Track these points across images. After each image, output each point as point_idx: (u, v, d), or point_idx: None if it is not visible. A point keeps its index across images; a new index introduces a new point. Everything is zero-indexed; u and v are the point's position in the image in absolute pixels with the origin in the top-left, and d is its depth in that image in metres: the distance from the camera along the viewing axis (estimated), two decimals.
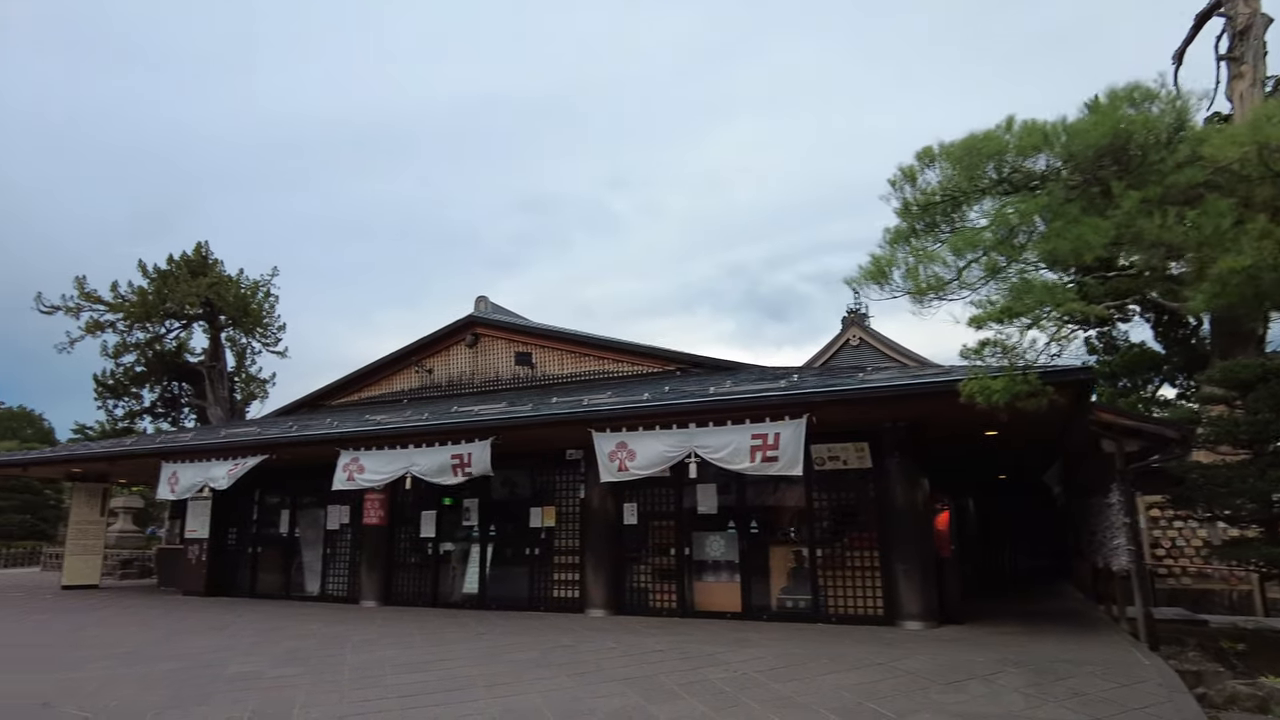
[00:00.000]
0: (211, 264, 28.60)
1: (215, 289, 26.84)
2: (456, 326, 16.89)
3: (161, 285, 27.11)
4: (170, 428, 30.54)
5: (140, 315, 27.00)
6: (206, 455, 13.78)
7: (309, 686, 7.08)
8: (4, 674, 7.63)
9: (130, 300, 27.78)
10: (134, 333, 28.72)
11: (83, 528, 16.83)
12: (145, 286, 27.92)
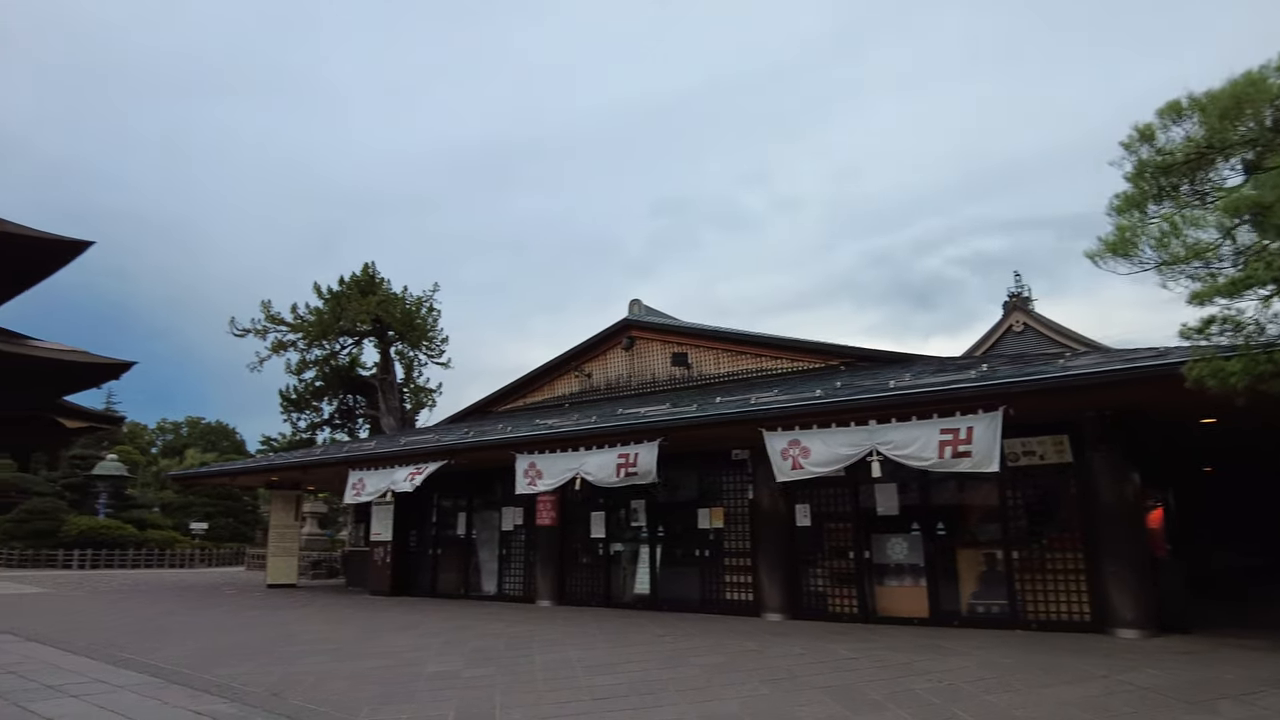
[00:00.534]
0: (379, 283, 30.46)
1: (383, 306, 28.54)
2: (612, 330, 17.07)
3: (335, 305, 29.13)
4: (347, 438, 32.78)
5: (318, 334, 29.10)
6: (389, 462, 14.61)
7: (505, 686, 7.22)
8: (240, 664, 8.26)
9: (308, 320, 30.01)
10: (312, 350, 30.99)
11: (281, 531, 18.28)
12: (321, 307, 30.07)
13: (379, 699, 6.76)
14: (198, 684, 7.34)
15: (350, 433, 33.59)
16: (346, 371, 31.65)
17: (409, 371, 31.54)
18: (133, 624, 11.63)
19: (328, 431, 33.41)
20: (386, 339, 29.83)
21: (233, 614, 12.98)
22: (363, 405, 32.90)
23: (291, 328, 29.64)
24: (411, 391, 31.69)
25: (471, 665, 8.31)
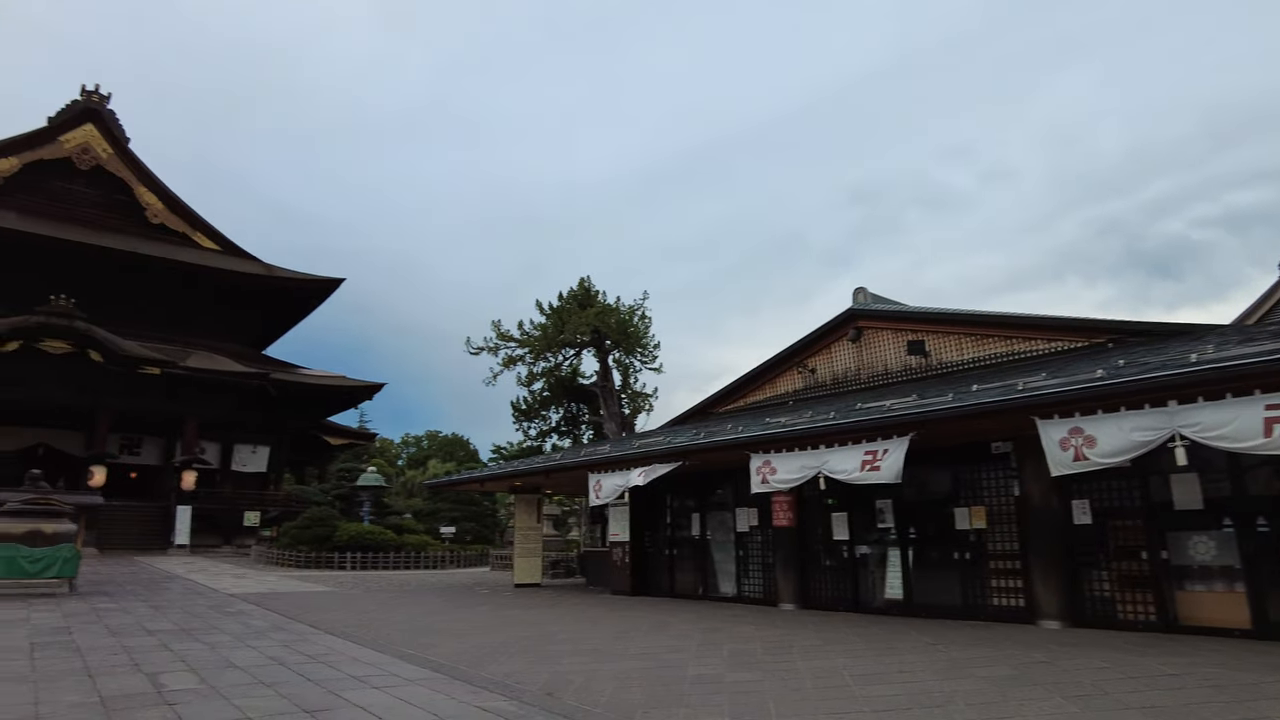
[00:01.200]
0: (594, 295, 31.58)
1: (600, 317, 29.53)
2: (837, 322, 16.36)
3: (557, 319, 30.56)
4: (572, 443, 34.27)
5: (543, 347, 30.66)
6: (624, 465, 14.88)
7: (775, 694, 6.91)
8: (509, 662, 8.59)
9: (534, 336, 31.69)
10: (538, 363, 32.71)
11: (525, 533, 19.29)
12: (544, 322, 31.66)
13: (649, 702, 6.68)
14: (476, 680, 7.67)
15: (576, 439, 35.09)
16: (569, 381, 33.11)
17: (626, 378, 32.44)
18: (406, 620, 12.60)
19: (555, 438, 35.14)
20: (604, 348, 30.85)
21: (491, 613, 13.72)
22: (586, 412, 34.26)
23: (519, 343, 31.47)
24: (629, 397, 32.55)
25: (733, 669, 8.09)
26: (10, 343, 32.50)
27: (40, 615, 12.12)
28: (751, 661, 8.55)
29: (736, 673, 7.92)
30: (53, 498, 16.70)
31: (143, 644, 9.43)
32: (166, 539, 35.40)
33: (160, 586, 17.94)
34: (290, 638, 10.29)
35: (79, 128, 43.73)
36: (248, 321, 47.71)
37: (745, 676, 7.71)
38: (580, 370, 34.06)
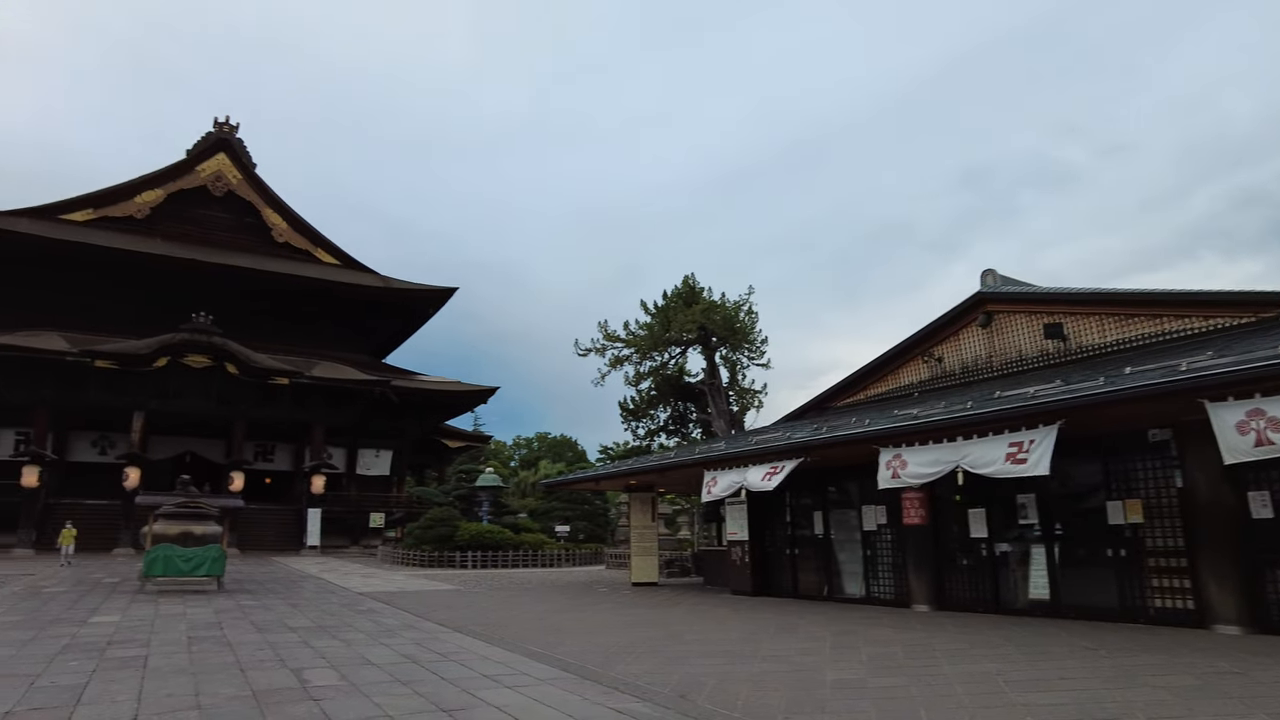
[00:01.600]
0: (699, 292, 31.28)
1: (706, 314, 29.22)
2: (964, 308, 15.50)
3: (663, 318, 30.44)
4: (680, 442, 34.07)
5: (649, 346, 30.60)
6: (741, 462, 14.53)
7: (925, 700, 6.46)
8: (637, 662, 8.41)
9: (639, 335, 31.68)
10: (644, 363, 32.68)
11: (640, 532, 19.20)
12: (650, 322, 31.60)
13: (790, 707, 6.36)
14: (607, 681, 7.53)
15: (684, 437, 34.88)
16: (676, 380, 32.95)
17: (734, 374, 32.01)
18: (532, 619, 12.66)
19: (663, 437, 35.06)
20: (710, 345, 30.51)
21: (614, 612, 13.65)
22: (694, 411, 34.01)
23: (625, 343, 31.54)
24: (737, 394, 32.09)
25: (876, 674, 7.65)
26: (160, 359, 35.06)
27: (194, 610, 12.85)
28: (893, 665, 8.08)
29: (879, 677, 7.48)
30: (200, 501, 17.77)
31: (285, 640, 9.79)
32: (299, 540, 37.37)
33: (296, 585, 18.82)
34: (421, 636, 10.48)
35: (212, 157, 46.88)
36: (367, 332, 49.92)
37: (889, 681, 7.27)
38: (686, 369, 33.86)
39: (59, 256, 39.92)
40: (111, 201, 43.74)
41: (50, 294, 40.65)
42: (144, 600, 14.35)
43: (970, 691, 6.71)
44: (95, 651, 8.71)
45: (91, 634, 10.09)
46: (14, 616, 11.91)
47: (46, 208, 41.96)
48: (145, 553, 16.20)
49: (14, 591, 15.93)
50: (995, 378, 14.73)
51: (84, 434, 40.16)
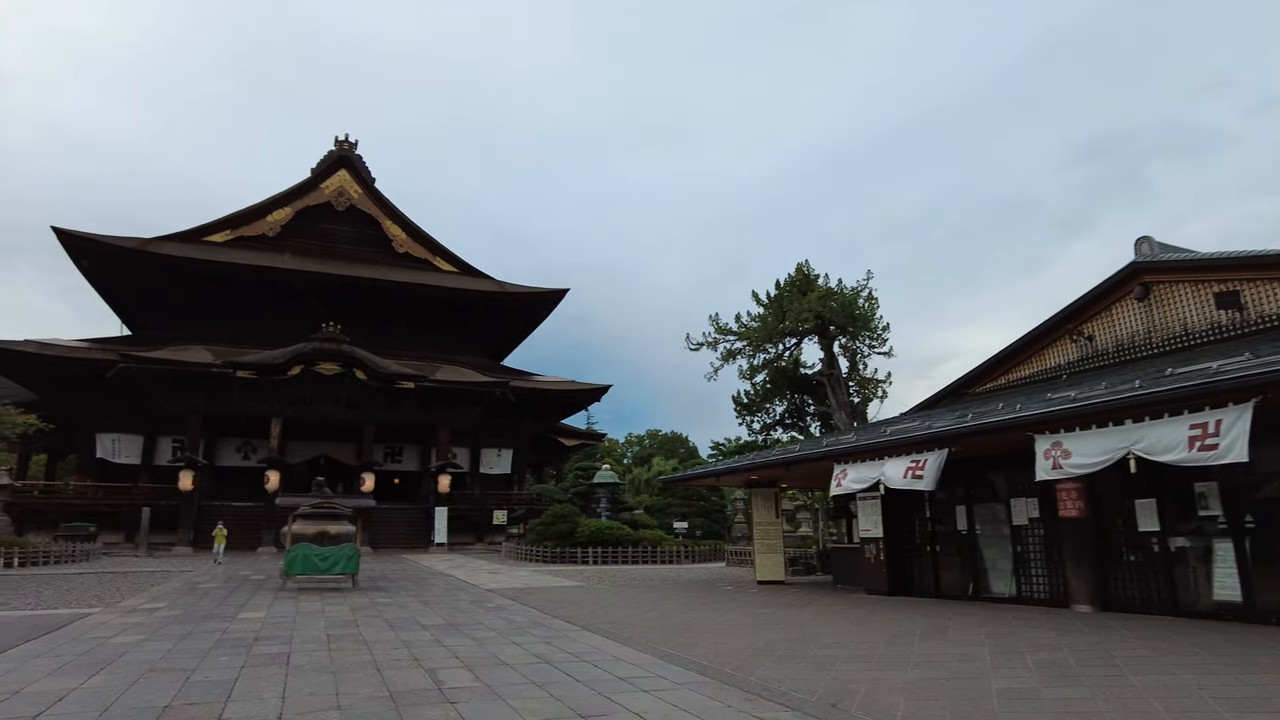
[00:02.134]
0: (814, 280, 30.24)
1: (823, 301, 28.17)
2: (1116, 280, 14.14)
3: (777, 308, 29.57)
4: (797, 437, 33.10)
5: (763, 338, 29.80)
6: (875, 454, 13.71)
7: (1115, 715, 5.67)
8: (776, 666, 7.91)
9: (752, 327, 30.92)
10: (758, 355, 31.88)
11: (764, 529, 18.59)
12: (762, 313, 30.80)
13: (955, 718, 5.73)
14: (747, 686, 7.07)
15: (802, 431, 33.88)
16: (791, 372, 32.01)
17: (854, 364, 30.77)
18: (659, 617, 12.32)
19: (780, 432, 34.16)
20: (828, 334, 29.42)
21: (743, 611, 13.14)
22: (811, 404, 32.98)
23: (738, 336, 30.85)
24: (858, 384, 30.85)
25: (1049, 683, 6.86)
26: (294, 368, 37.01)
27: (332, 608, 13.21)
28: (1068, 674, 7.25)
29: (1054, 688, 6.69)
30: (335, 501, 18.42)
31: (419, 638, 9.81)
32: (427, 538, 38.62)
33: (426, 582, 19.23)
34: (551, 634, 10.31)
35: (334, 174, 49.24)
36: (484, 335, 51.23)
37: (1067, 693, 6.48)
38: (802, 360, 32.83)
39: (202, 276, 42.87)
40: (246, 222, 46.60)
41: (195, 310, 43.70)
42: (285, 597, 14.91)
43: (1172, 710, 5.86)
44: (243, 647, 8.95)
45: (240, 630, 10.44)
46: (174, 611, 12.56)
47: (190, 231, 45.13)
48: (285, 552, 16.90)
49: (175, 587, 16.95)
50: (1156, 355, 13.34)
51: (230, 440, 42.95)
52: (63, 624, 11.03)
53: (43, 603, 13.94)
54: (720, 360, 31.47)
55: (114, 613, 12.35)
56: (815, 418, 33.59)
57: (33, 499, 36.11)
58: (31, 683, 7.06)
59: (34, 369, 38.20)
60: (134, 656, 8.34)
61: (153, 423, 40.33)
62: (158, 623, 11.14)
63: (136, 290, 44.17)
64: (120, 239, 41.84)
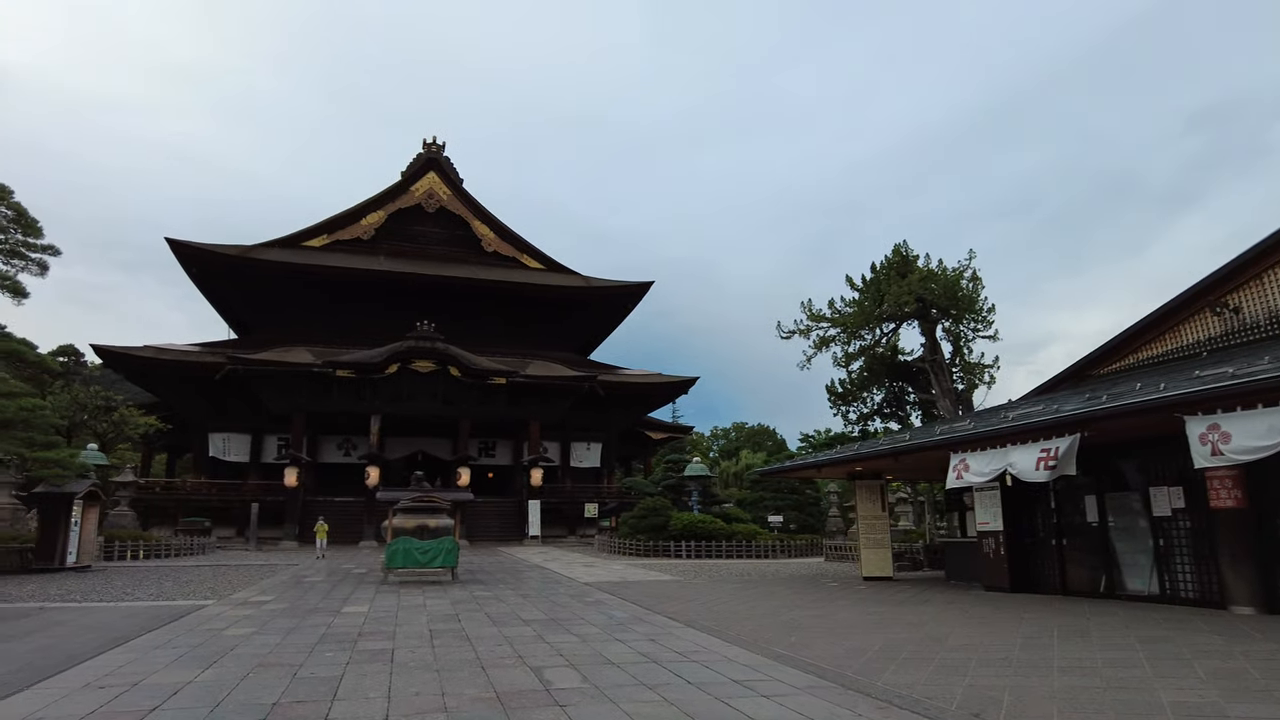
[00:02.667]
0: (913, 261, 28.93)
1: (924, 283, 26.87)
2: (1268, 245, 12.71)
3: (874, 291, 28.42)
4: (896, 426, 31.80)
5: (858, 324, 28.70)
6: (997, 441, 12.69)
7: None
8: (903, 671, 7.27)
9: (847, 313, 29.83)
10: (853, 342, 30.76)
11: (870, 523, 17.72)
12: (858, 298, 29.67)
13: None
14: (875, 692, 6.47)
15: (900, 420, 32.58)
16: (889, 359, 30.76)
17: (957, 349, 29.30)
18: (766, 614, 11.77)
19: (878, 422, 32.93)
20: (930, 318, 28.08)
21: (854, 609, 12.45)
22: (910, 392, 31.66)
23: (832, 323, 29.83)
24: (962, 370, 29.36)
25: (1232, 698, 6.00)
26: (390, 366, 37.91)
27: (433, 602, 13.18)
28: (1252, 687, 6.37)
29: (1240, 703, 5.85)
30: (434, 495, 18.55)
31: (521, 634, 9.56)
32: (521, 530, 39.01)
33: (522, 575, 19.18)
34: (654, 631, 9.91)
35: (424, 177, 50.25)
36: (571, 330, 51.43)
37: (1262, 712, 5.62)
38: (900, 347, 31.52)
39: (302, 280, 44.43)
40: (341, 226, 48.07)
41: (296, 313, 45.35)
42: (387, 591, 15.02)
43: None
44: (348, 643, 8.87)
45: (344, 624, 10.43)
46: (281, 604, 12.76)
47: (289, 237, 46.86)
48: (386, 546, 17.08)
49: (282, 580, 17.38)
50: None
51: (331, 438, 44.43)
52: (181, 614, 11.30)
53: (164, 594, 14.44)
54: (813, 348, 30.54)
55: (226, 605, 12.63)
56: (915, 406, 32.26)
57: (154, 495, 38.17)
58: (150, 674, 7.11)
59: (152, 373, 40.38)
60: (244, 650, 8.35)
61: (259, 422, 42.09)
62: (266, 616, 11.29)
63: (241, 295, 46.18)
64: (224, 247, 43.76)
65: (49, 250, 21.72)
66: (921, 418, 31.69)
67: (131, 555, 23.98)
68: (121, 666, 7.48)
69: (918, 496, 30.61)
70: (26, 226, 21.27)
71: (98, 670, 7.32)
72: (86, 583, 16.40)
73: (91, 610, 12.01)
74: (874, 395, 32.07)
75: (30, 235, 21.36)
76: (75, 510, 19.37)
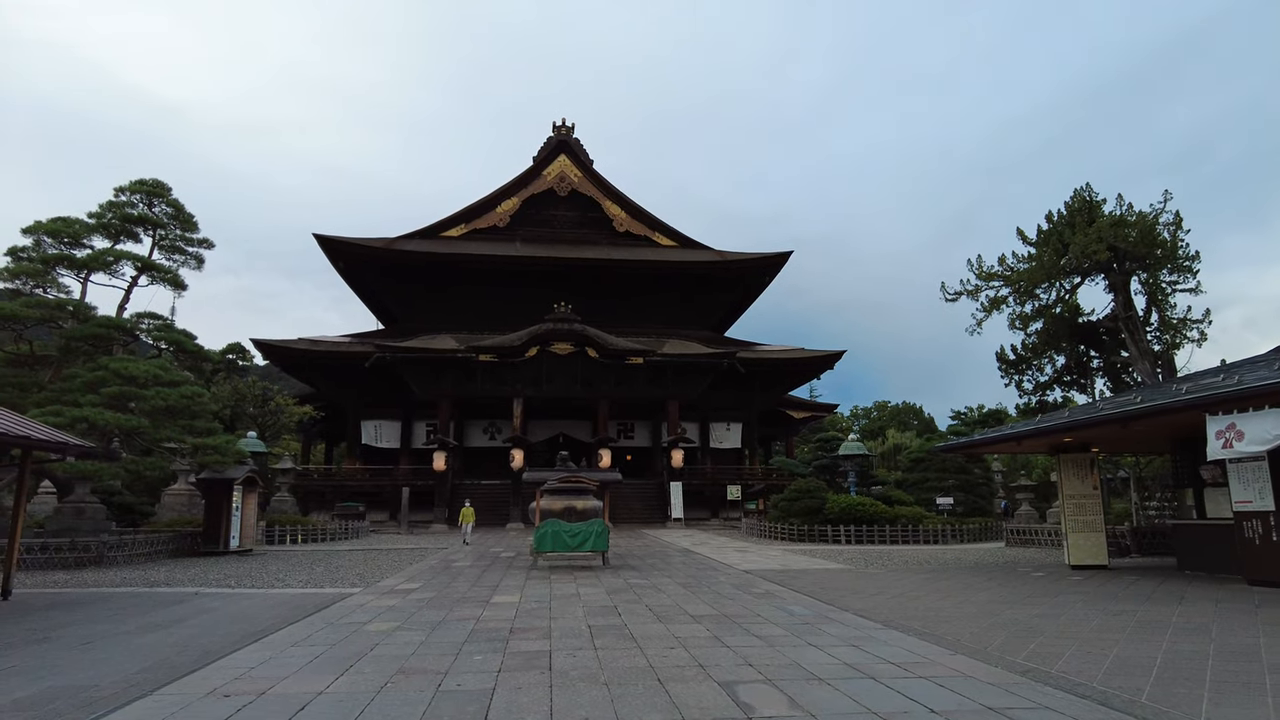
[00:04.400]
0: (1098, 205, 25.40)
1: (1116, 230, 23.40)
2: None
3: (1054, 242, 25.15)
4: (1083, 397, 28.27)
5: (1039, 278, 25.50)
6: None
7: None
8: (1233, 701, 5.28)
9: (1020, 270, 26.67)
10: (1026, 303, 27.51)
11: (1079, 503, 15.19)
12: (1034, 252, 26.46)
13: None
14: None
15: (1084, 389, 29.00)
16: (1070, 319, 27.28)
17: (1153, 304, 25.50)
18: (978, 613, 9.82)
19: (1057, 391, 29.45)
20: (1122, 270, 24.52)
21: (1085, 605, 10.26)
22: (1096, 355, 28.05)
23: (1005, 280, 26.72)
24: (1160, 327, 25.55)
25: None
26: (530, 349, 37.65)
27: (587, 590, 12.01)
28: None
29: None
30: (582, 476, 17.50)
31: (693, 635, 8.13)
32: (662, 513, 37.93)
33: (674, 561, 17.86)
34: (851, 633, 8.23)
35: (555, 160, 49.92)
36: (706, 308, 49.81)
37: None
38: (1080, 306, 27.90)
39: (442, 269, 45.08)
40: (478, 215, 48.47)
41: (438, 301, 46.12)
42: (538, 578, 14.03)
43: None
44: (499, 642, 7.72)
45: (494, 618, 9.36)
46: (428, 592, 11.94)
47: (429, 229, 47.67)
48: (534, 529, 16.18)
49: (430, 565, 16.83)
50: None
51: (476, 422, 44.99)
52: (326, 604, 10.63)
53: (313, 580, 14.06)
54: (983, 310, 27.50)
55: (372, 593, 11.93)
56: (1101, 373, 28.58)
57: (313, 481, 39.74)
58: (281, 679, 6.17)
59: (308, 364, 42.07)
60: (385, 650, 7.34)
61: (408, 409, 43.09)
62: (412, 606, 10.41)
63: (386, 286, 47.43)
64: (369, 240, 44.99)
65: (204, 244, 22.30)
66: (1107, 386, 28.06)
67: (290, 539, 24.51)
68: (253, 669, 6.59)
69: (1119, 472, 27.08)
70: (184, 222, 21.88)
71: (228, 672, 6.46)
72: (244, 567, 16.42)
73: (240, 598, 11.59)
74: (1054, 361, 28.63)
75: (187, 230, 21.96)
76: (236, 495, 19.69)
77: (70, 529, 17.26)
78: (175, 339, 19.68)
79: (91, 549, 16.33)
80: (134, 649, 7.53)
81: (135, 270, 20.36)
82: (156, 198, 21.16)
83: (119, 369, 17.01)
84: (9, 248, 19.65)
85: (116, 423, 16.50)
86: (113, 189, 20.83)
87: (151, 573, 15.19)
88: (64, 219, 20.16)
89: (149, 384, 17.36)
